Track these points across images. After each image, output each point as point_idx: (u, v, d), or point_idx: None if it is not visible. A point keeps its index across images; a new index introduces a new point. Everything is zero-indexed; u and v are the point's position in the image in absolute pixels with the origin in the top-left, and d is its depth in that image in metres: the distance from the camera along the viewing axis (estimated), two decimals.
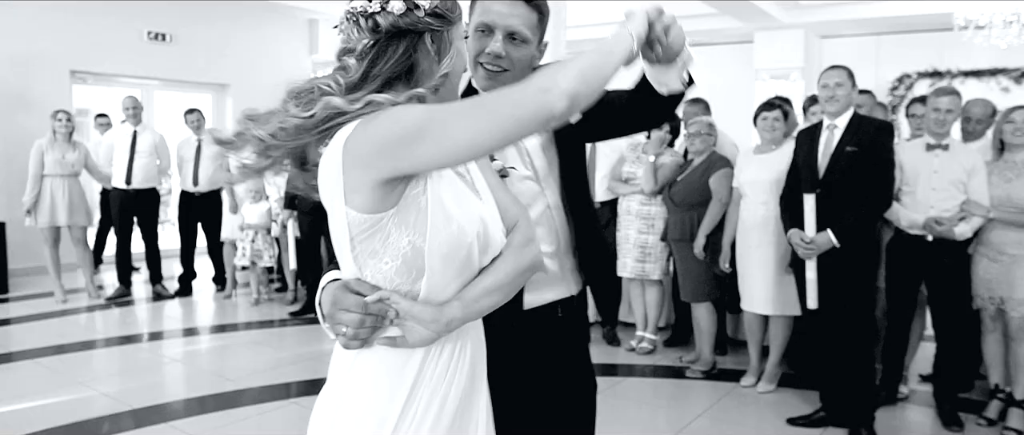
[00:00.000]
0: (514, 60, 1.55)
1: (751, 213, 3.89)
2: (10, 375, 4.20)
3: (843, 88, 3.45)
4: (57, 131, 5.87)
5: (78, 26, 7.43)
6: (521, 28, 1.54)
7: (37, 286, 6.49)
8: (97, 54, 7.61)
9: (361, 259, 1.20)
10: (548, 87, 1.08)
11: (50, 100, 6.86)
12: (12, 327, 5.35)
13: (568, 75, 1.10)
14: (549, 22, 1.61)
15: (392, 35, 1.20)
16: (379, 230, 1.17)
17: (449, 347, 1.23)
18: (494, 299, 1.24)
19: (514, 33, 1.54)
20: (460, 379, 1.24)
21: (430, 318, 1.17)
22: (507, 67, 1.55)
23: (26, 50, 7.09)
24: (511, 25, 1.53)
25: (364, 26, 1.20)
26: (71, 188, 5.92)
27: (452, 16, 1.24)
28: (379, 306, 1.17)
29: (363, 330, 1.18)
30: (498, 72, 1.55)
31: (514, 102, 1.09)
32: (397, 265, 1.18)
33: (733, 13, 8.72)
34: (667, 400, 3.93)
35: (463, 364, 1.24)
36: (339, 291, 1.20)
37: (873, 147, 3.35)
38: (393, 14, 1.18)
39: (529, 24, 1.54)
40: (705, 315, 4.25)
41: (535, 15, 1.56)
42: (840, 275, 3.35)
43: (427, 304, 1.18)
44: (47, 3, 7.18)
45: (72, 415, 3.51)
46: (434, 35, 1.22)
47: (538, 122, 1.09)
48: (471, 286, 1.22)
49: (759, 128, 4.02)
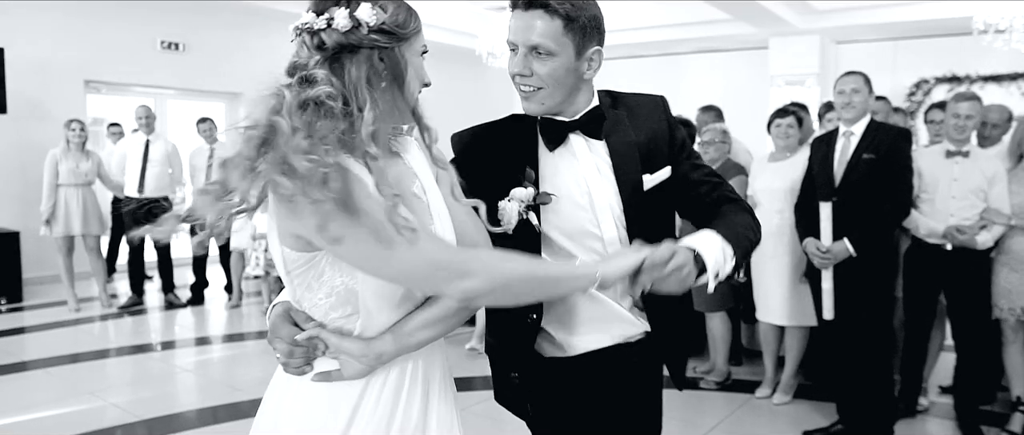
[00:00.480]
0: (542, 76, 1.41)
1: (766, 222, 3.80)
2: (23, 384, 4.23)
3: (860, 94, 3.42)
4: (71, 141, 5.93)
5: (92, 36, 7.51)
6: (542, 40, 1.39)
7: (51, 295, 6.55)
8: (111, 63, 7.68)
9: (298, 291, 1.22)
10: (471, 272, 1.12)
11: (64, 109, 6.94)
12: (26, 336, 5.39)
13: (490, 277, 1.14)
14: None
15: (337, 53, 1.15)
16: (313, 267, 1.18)
17: (395, 373, 1.22)
18: (431, 332, 1.22)
19: (536, 46, 1.40)
20: (410, 406, 1.23)
21: (359, 353, 1.18)
22: (539, 85, 1.43)
23: (41, 59, 7.17)
24: (530, 39, 1.40)
25: (309, 43, 1.16)
26: (85, 197, 5.97)
27: (403, 32, 1.19)
28: (309, 342, 1.20)
29: (295, 360, 1.20)
30: (532, 91, 1.44)
31: (425, 262, 1.11)
32: (332, 301, 1.19)
33: (747, 19, 8.69)
34: (680, 411, 3.89)
35: (415, 390, 1.24)
36: (278, 319, 1.23)
37: (891, 154, 3.32)
38: (338, 31, 1.14)
39: (551, 34, 1.39)
40: (719, 325, 4.21)
41: (558, 22, 1.39)
42: (857, 285, 3.32)
43: (356, 339, 1.18)
44: (61, 13, 7.27)
45: (83, 426, 3.52)
46: (383, 53, 1.18)
47: (427, 292, 1.17)
48: (407, 319, 1.21)
49: (773, 135, 3.99)
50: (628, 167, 1.48)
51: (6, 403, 3.88)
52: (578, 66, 1.44)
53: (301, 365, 1.22)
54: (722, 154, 4.28)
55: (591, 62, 1.46)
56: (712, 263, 1.33)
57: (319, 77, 1.12)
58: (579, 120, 1.48)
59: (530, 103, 1.46)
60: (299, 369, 1.22)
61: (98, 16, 7.51)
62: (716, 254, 1.34)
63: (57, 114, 6.80)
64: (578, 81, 1.46)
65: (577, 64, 1.43)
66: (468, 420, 3.05)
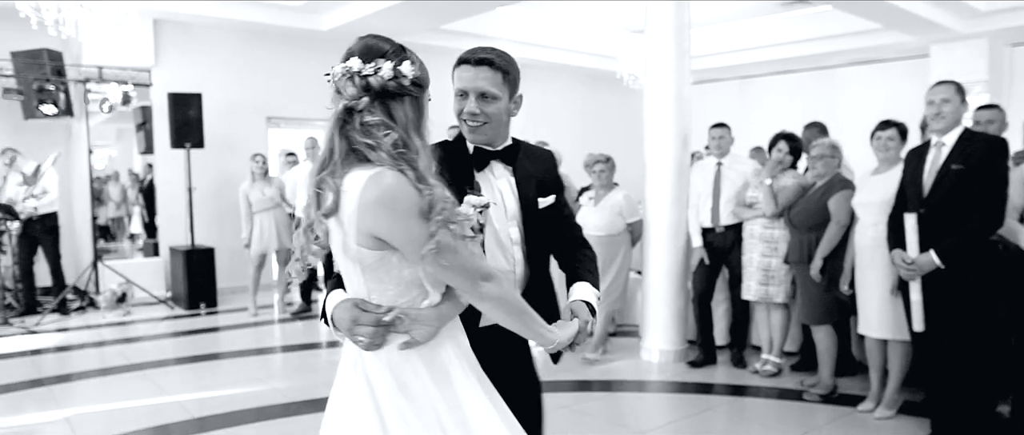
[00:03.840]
0: (489, 114, 1.91)
1: (861, 234, 4.05)
2: (215, 370, 5.35)
3: (950, 104, 3.56)
4: (254, 171, 7.20)
5: (272, 79, 8.94)
6: (489, 88, 1.89)
7: (239, 301, 7.89)
8: (288, 101, 9.07)
9: (370, 284, 1.56)
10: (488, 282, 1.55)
11: (249, 142, 8.37)
12: (219, 333, 6.67)
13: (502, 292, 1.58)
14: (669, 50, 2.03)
15: (379, 95, 1.50)
16: (385, 262, 1.52)
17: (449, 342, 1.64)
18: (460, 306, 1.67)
19: (483, 93, 1.89)
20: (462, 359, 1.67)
21: (433, 317, 1.58)
22: (484, 121, 1.92)
23: (230, 101, 8.68)
24: (479, 87, 1.89)
25: (356, 84, 1.49)
26: (276, 218, 7.24)
27: (426, 83, 1.58)
28: (395, 319, 1.55)
29: (378, 339, 1.56)
30: (478, 126, 1.93)
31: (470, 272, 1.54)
32: (400, 289, 1.56)
33: (901, 27, 8.56)
34: (777, 421, 4.16)
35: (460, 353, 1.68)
36: (355, 310, 1.57)
37: (982, 164, 3.41)
38: (383, 78, 1.50)
39: (495, 83, 1.89)
40: (824, 338, 4.42)
41: (499, 74, 1.90)
42: (948, 298, 3.44)
43: (428, 309, 1.58)
44: (245, 60, 8.78)
45: (255, 403, 4.48)
46: (412, 100, 1.55)
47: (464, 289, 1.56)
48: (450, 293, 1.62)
49: (874, 147, 4.18)
50: (528, 190, 2.03)
51: (202, 383, 4.97)
52: (509, 107, 1.97)
53: (382, 342, 1.56)
54: (830, 169, 4.49)
55: (517, 104, 2.00)
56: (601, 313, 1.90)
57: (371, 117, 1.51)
58: (501, 150, 2.00)
59: (476, 135, 1.95)
60: (378, 345, 1.56)
61: (276, 62, 8.93)
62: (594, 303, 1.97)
63: (244, 147, 8.20)
64: (508, 118, 2.00)
65: (509, 105, 1.97)
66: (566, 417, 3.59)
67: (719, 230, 5.18)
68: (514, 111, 2.01)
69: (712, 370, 5.15)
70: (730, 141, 5.32)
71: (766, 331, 4.97)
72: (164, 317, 7.32)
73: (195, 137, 7.80)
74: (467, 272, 1.54)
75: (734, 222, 5.13)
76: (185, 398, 4.57)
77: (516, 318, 1.65)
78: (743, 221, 5.01)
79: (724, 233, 5.16)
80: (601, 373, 5.12)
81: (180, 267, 7.79)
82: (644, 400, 4.72)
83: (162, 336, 6.53)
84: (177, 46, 8.40)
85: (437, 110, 1.78)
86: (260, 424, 4.13)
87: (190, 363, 5.52)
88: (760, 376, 4.89)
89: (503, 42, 9.48)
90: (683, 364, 5.27)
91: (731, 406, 4.43)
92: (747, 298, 4.94)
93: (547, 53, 10.40)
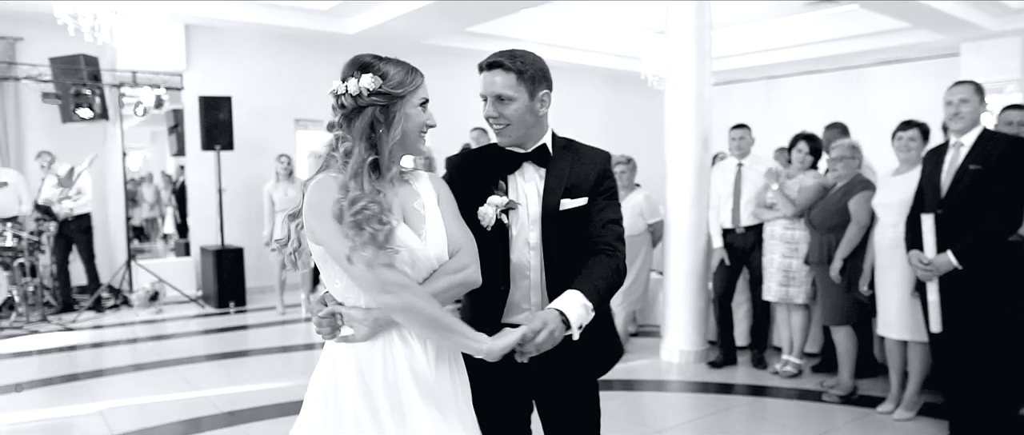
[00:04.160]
0: (507, 116, 1.92)
1: (881, 235, 4.06)
2: (243, 366, 5.51)
3: (968, 105, 3.57)
4: (279, 172, 7.37)
5: (299, 82, 9.13)
6: (502, 90, 1.90)
7: (267, 300, 8.07)
8: (316, 103, 9.23)
9: (326, 279, 1.73)
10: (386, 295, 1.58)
11: (279, 145, 8.55)
12: (248, 331, 6.85)
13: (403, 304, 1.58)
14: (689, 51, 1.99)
15: (351, 111, 1.67)
16: (326, 259, 1.67)
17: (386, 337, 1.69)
18: None
19: (499, 95, 1.91)
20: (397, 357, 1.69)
21: (361, 318, 1.66)
22: (506, 122, 1.94)
23: (259, 104, 8.88)
24: (494, 90, 1.92)
25: (334, 104, 1.69)
26: None
27: (399, 92, 1.67)
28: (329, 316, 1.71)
29: (325, 329, 1.72)
30: (501, 128, 1.96)
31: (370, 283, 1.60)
32: (345, 283, 1.68)
33: (929, 25, 8.48)
34: (795, 422, 4.18)
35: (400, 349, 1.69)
36: (317, 303, 1.76)
37: (1000, 164, 3.41)
38: (350, 95, 1.66)
39: (508, 85, 1.90)
40: (844, 339, 4.43)
41: (512, 76, 1.90)
42: (966, 299, 3.45)
43: (359, 308, 1.67)
44: (273, 63, 8.99)
45: (285, 397, 4.61)
46: (381, 110, 1.66)
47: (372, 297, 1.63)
48: None
49: (895, 148, 4.18)
50: (553, 192, 1.98)
51: (232, 377, 5.13)
52: (533, 105, 1.94)
53: (330, 333, 1.72)
54: (851, 170, 4.50)
55: (543, 102, 1.96)
56: (574, 319, 1.77)
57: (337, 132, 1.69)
58: (531, 152, 2.00)
59: (502, 137, 1.98)
60: (330, 336, 1.72)
61: (304, 65, 9.12)
62: (578, 311, 1.79)
63: (272, 149, 8.38)
64: (535, 118, 1.97)
65: (532, 104, 1.94)
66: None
67: (739, 231, 5.20)
68: (540, 110, 1.97)
69: (732, 371, 5.18)
70: (750, 142, 5.34)
71: (787, 332, 4.98)
72: (194, 315, 7.53)
73: (225, 139, 7.99)
74: (368, 283, 1.61)
75: (754, 223, 5.15)
76: (214, 393, 4.72)
77: (430, 329, 1.65)
78: (763, 222, 5.03)
79: (744, 234, 5.18)
80: (621, 372, 5.16)
81: (210, 267, 8.00)
82: (663, 399, 4.77)
83: (192, 334, 6.73)
84: (208, 50, 8.63)
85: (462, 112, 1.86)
86: (285, 419, 4.26)
87: (219, 360, 5.69)
88: (780, 377, 4.91)
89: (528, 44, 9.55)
90: (703, 364, 5.30)
91: (750, 406, 4.46)
92: (767, 299, 4.96)
93: (572, 54, 10.45)
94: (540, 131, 2.01)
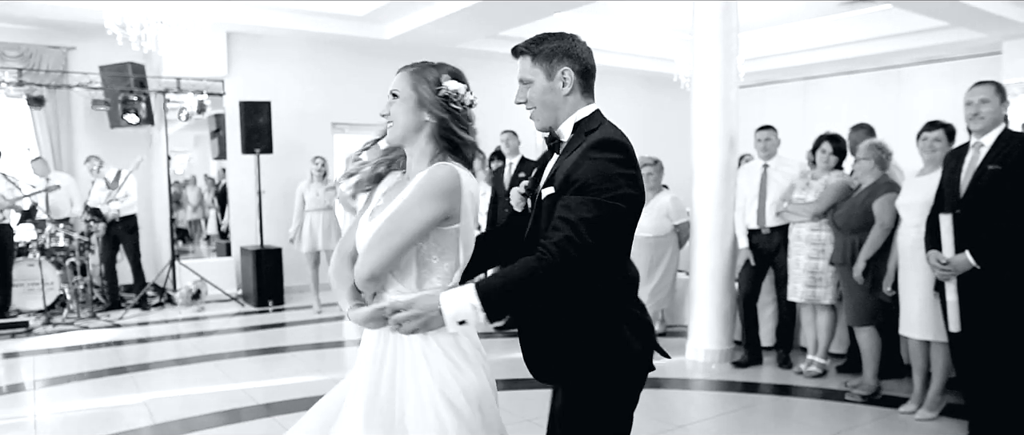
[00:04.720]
0: (530, 98, 1.95)
1: (904, 235, 4.10)
2: (281, 362, 5.75)
3: (989, 105, 3.60)
4: (313, 173, 7.62)
5: (338, 86, 9.40)
6: (523, 74, 1.94)
7: (305, 300, 8.33)
8: (353, 107, 9.50)
9: None
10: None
11: (316, 148, 8.82)
12: (285, 329, 7.11)
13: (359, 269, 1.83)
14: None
15: None
16: None
17: None
18: None
19: (521, 79, 1.95)
20: None
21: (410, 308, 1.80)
22: (532, 105, 1.96)
23: (297, 108, 9.18)
24: (519, 75, 1.96)
25: None
26: (326, 219, 7.62)
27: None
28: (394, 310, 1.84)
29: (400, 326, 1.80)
30: (530, 112, 1.98)
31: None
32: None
33: (969, 24, 8.38)
34: (817, 420, 4.23)
35: None
36: None
37: (1018, 164, 3.44)
38: None
39: (525, 69, 1.94)
40: (867, 339, 4.47)
41: (527, 58, 1.93)
42: (985, 298, 3.48)
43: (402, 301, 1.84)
44: (312, 66, 9.29)
45: (321, 390, 4.78)
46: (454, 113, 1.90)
47: None
48: None
49: (919, 148, 4.21)
50: (547, 178, 1.93)
51: (271, 373, 5.37)
52: (553, 85, 1.91)
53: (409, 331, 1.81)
54: (875, 170, 4.53)
55: (563, 80, 1.91)
56: (450, 315, 1.71)
57: None
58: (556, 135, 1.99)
59: (534, 121, 1.99)
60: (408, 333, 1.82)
61: (341, 70, 9.40)
62: (459, 306, 1.71)
63: (310, 152, 8.65)
64: (557, 98, 1.93)
65: (551, 84, 1.91)
66: None
67: (765, 232, 5.25)
68: (562, 89, 1.92)
69: (757, 370, 5.23)
70: (776, 143, 5.39)
71: (812, 332, 5.02)
72: (235, 313, 7.84)
73: (264, 143, 8.28)
74: None
75: (780, 224, 5.20)
76: (252, 386, 4.95)
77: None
78: (789, 223, 5.08)
79: (770, 235, 5.23)
80: None
81: (250, 266, 8.29)
82: (686, 397, 4.85)
83: (232, 330, 7.02)
84: (248, 57, 8.95)
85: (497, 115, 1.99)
86: None
87: (258, 355, 5.95)
88: (804, 377, 4.96)
89: None
90: (728, 364, 5.37)
91: (772, 404, 4.52)
92: (793, 300, 5.01)
93: (606, 57, 10.52)
94: (568, 112, 1.94)
